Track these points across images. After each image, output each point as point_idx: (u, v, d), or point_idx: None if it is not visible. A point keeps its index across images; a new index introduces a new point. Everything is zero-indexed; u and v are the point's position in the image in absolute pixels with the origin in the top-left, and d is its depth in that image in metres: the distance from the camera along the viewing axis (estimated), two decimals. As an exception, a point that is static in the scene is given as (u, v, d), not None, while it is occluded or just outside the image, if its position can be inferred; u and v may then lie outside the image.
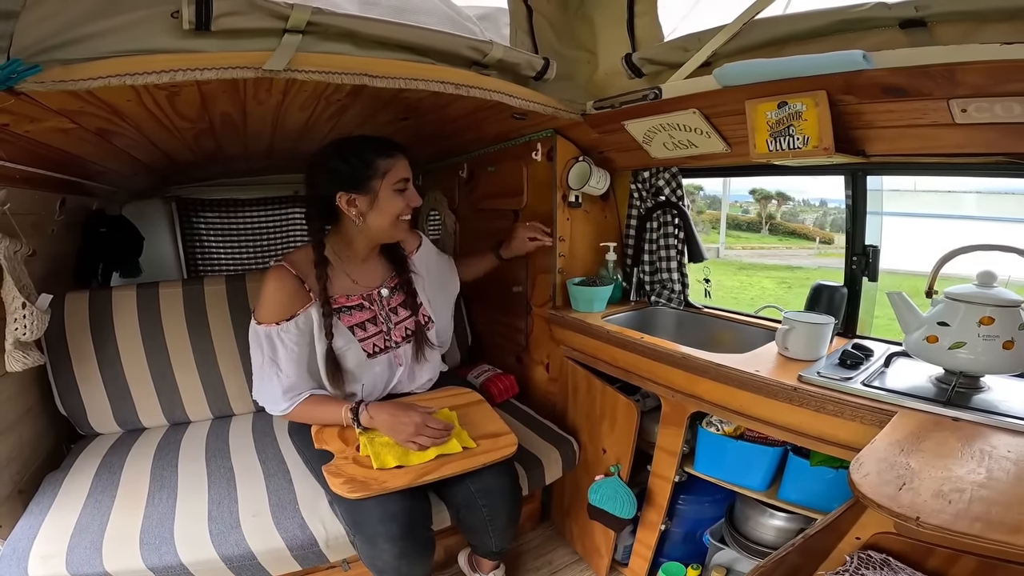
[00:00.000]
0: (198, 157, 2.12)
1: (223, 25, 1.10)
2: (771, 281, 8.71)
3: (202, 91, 1.27)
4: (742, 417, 1.31)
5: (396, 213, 1.45)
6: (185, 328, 1.83)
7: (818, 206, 13.01)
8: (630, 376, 1.61)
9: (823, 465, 1.23)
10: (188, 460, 1.60)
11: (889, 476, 0.81)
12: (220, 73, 1.12)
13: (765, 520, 1.45)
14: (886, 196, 1.53)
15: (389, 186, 1.42)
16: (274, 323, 1.40)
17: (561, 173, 1.86)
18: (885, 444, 0.90)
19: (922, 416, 1.02)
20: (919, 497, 0.76)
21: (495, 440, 1.44)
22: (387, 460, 1.32)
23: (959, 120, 1.08)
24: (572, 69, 1.75)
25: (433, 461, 1.34)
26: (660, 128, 1.56)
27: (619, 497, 1.59)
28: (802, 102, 1.20)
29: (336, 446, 1.41)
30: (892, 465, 0.84)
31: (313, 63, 1.20)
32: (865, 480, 0.80)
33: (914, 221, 4.27)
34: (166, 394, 1.80)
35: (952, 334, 1.09)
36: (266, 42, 1.16)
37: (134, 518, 1.33)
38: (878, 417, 1.05)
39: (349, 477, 1.29)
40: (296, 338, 1.42)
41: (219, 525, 1.32)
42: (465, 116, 1.78)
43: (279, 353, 1.40)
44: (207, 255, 2.84)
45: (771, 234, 11.98)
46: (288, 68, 1.17)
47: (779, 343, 1.39)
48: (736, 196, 11.69)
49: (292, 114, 1.61)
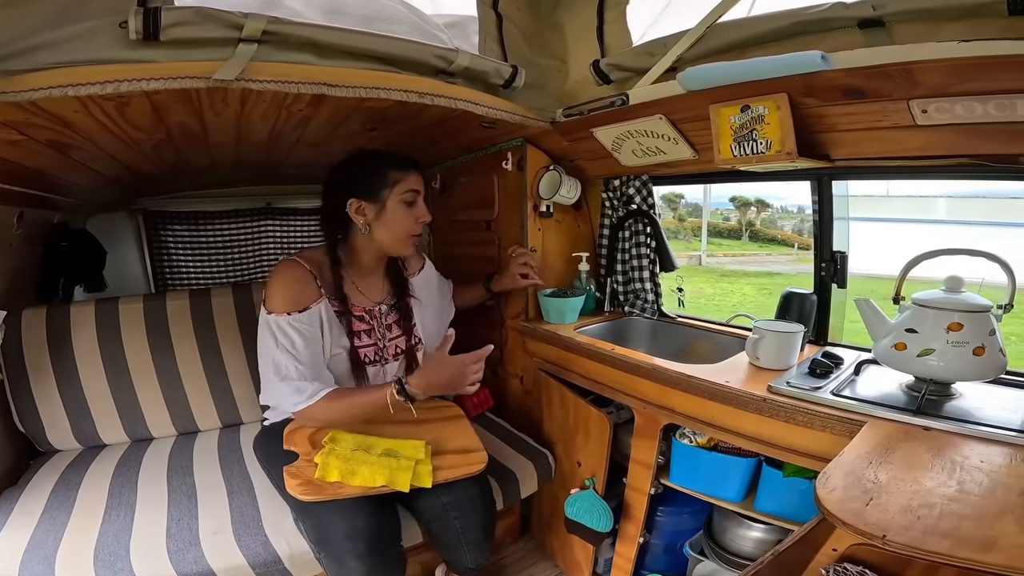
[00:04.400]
0: (162, 169, 2.06)
1: (173, 35, 1.08)
2: (752, 288, 8.80)
3: (152, 101, 1.23)
4: (714, 429, 1.29)
5: (403, 226, 1.45)
6: (147, 344, 1.78)
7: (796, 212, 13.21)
8: (602, 388, 1.58)
9: (796, 476, 1.21)
10: (149, 477, 1.55)
11: (856, 491, 0.78)
12: (168, 83, 1.08)
13: (743, 532, 1.43)
14: (861, 202, 1.52)
15: (397, 196, 1.43)
16: (288, 312, 1.36)
17: (532, 183, 1.84)
18: (853, 456, 0.88)
19: (892, 426, 1.00)
20: (886, 513, 0.74)
21: (464, 456, 1.40)
22: (330, 473, 1.26)
23: (920, 122, 1.07)
24: (543, 78, 1.74)
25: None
26: (628, 135, 1.54)
27: (595, 511, 1.56)
28: (764, 105, 1.19)
29: (304, 448, 1.36)
30: (859, 479, 0.81)
31: (269, 73, 1.17)
32: (831, 496, 0.77)
33: (886, 226, 4.32)
34: (127, 411, 1.75)
35: (920, 341, 1.08)
36: (220, 52, 1.13)
37: (89, 534, 1.29)
38: (848, 427, 1.03)
39: (306, 479, 1.26)
40: (310, 330, 1.39)
41: (177, 542, 1.28)
42: (435, 125, 1.75)
43: (297, 343, 1.36)
44: (176, 269, 2.75)
45: (751, 241, 12.12)
46: (241, 78, 1.14)
47: (749, 353, 1.37)
48: (717, 204, 11.82)
49: (254, 124, 1.57)
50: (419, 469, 1.31)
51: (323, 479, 1.26)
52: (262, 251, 2.99)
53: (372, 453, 1.34)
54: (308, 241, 3.17)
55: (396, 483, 1.27)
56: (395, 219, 1.44)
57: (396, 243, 1.48)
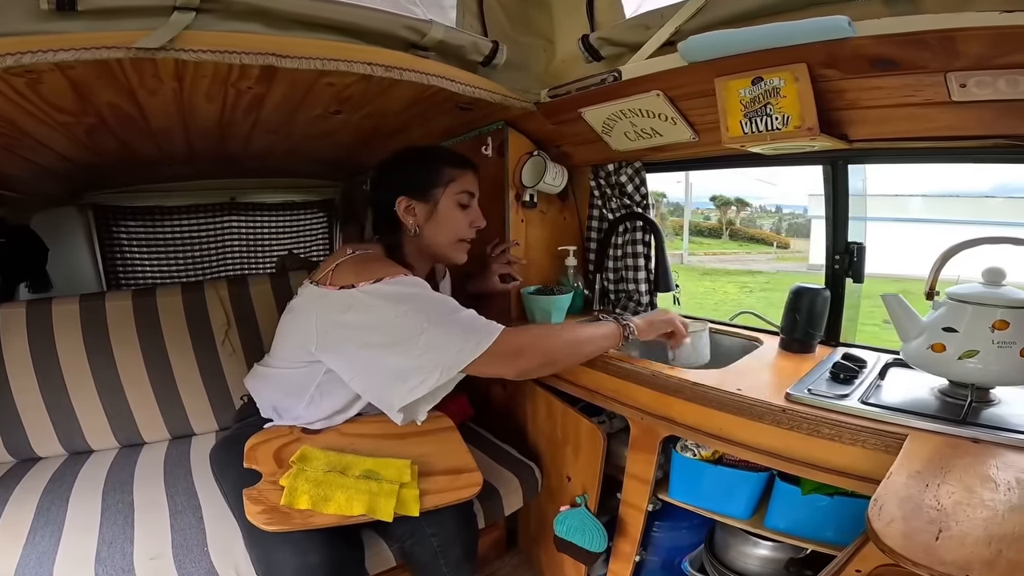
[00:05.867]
0: (106, 159, 1.90)
1: (92, 4, 0.96)
2: (734, 286, 8.87)
3: (69, 77, 1.08)
4: (722, 441, 1.15)
5: (456, 230, 1.35)
6: (83, 348, 1.61)
7: (774, 211, 13.40)
8: (594, 396, 1.44)
9: (816, 493, 1.08)
10: (82, 493, 1.39)
11: (919, 521, 0.65)
12: (80, 54, 0.95)
13: (748, 549, 1.30)
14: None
15: (451, 196, 1.33)
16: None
17: (513, 169, 1.70)
18: (904, 478, 0.74)
19: (936, 439, 0.87)
20: (963, 548, 0.60)
21: (455, 478, 1.24)
22: (299, 500, 1.08)
23: (956, 97, 0.96)
24: (526, 57, 1.60)
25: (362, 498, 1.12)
26: (621, 115, 1.41)
27: (587, 529, 1.42)
28: (779, 77, 1.06)
29: (268, 466, 1.18)
30: (919, 506, 0.68)
31: (204, 42, 1.03)
32: (891, 529, 0.63)
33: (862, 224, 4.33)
34: (63, 421, 1.58)
35: (961, 341, 0.95)
36: (150, 22, 1.00)
37: (8, 559, 1.13)
38: (883, 441, 0.90)
39: (270, 506, 1.07)
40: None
41: (108, 568, 1.11)
42: (406, 108, 1.59)
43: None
44: (129, 267, 2.60)
45: (731, 239, 12.26)
46: (169, 47, 0.99)
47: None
48: (698, 203, 11.92)
49: (199, 106, 1.41)
50: (404, 494, 1.14)
51: (290, 506, 1.08)
52: (226, 248, 2.86)
53: (348, 475, 1.16)
54: (277, 238, 3.03)
55: (377, 511, 1.10)
56: (448, 222, 1.33)
57: (447, 248, 1.36)
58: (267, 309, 1.86)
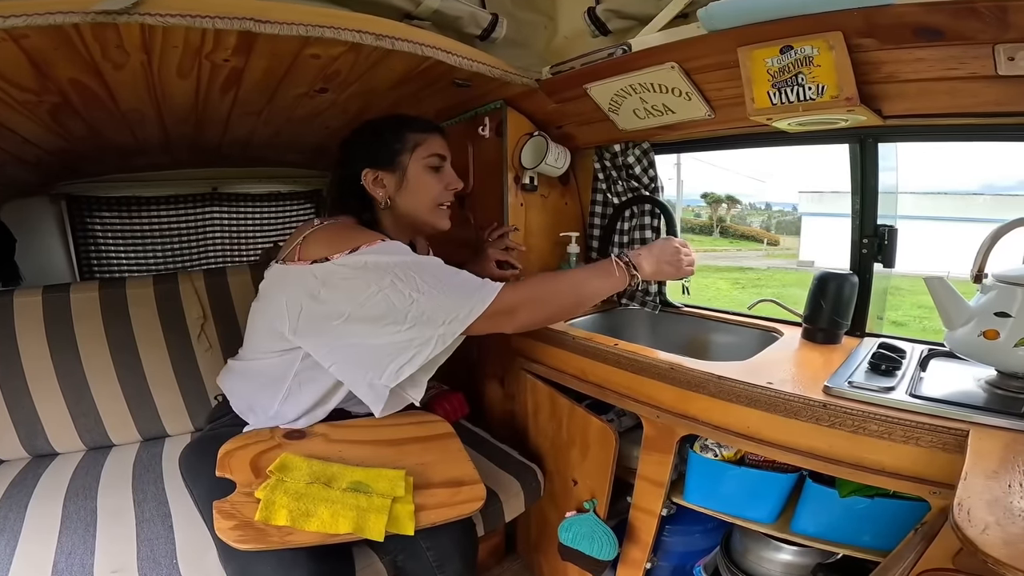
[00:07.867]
0: (76, 145, 1.78)
1: None
2: (726, 282, 8.89)
3: (23, 48, 0.97)
4: (749, 440, 1.05)
5: (431, 195, 1.26)
6: (45, 344, 1.50)
7: (764, 209, 13.49)
8: (604, 393, 1.34)
9: (856, 495, 0.99)
10: (42, 499, 1.29)
11: (1016, 528, 0.56)
12: (31, 20, 0.86)
13: (770, 554, 1.22)
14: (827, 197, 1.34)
15: (420, 161, 1.24)
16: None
17: (513, 151, 1.61)
18: (982, 479, 0.66)
19: (1000, 434, 0.79)
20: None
21: (455, 491, 1.11)
22: (277, 515, 0.96)
23: (1003, 71, 0.90)
24: (526, 34, 1.51)
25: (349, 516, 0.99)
26: (630, 91, 1.31)
27: (596, 536, 1.33)
28: (812, 45, 0.97)
29: (243, 476, 1.04)
30: (1010, 511, 0.59)
31: (174, 5, 0.93)
32: (988, 538, 0.55)
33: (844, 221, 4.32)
34: (24, 422, 1.47)
35: (1016, 327, 0.87)
36: None
37: None
38: (940, 438, 0.81)
39: (244, 521, 0.94)
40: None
41: None
42: (397, 86, 1.49)
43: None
44: (104, 260, 2.47)
45: (722, 236, 12.30)
46: (132, 10, 0.90)
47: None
48: (689, 200, 11.94)
49: (172, 83, 1.30)
50: (397, 510, 1.01)
51: (266, 521, 0.95)
52: (207, 240, 2.73)
53: (334, 487, 1.03)
54: (262, 230, 2.91)
55: (366, 530, 0.97)
56: (420, 187, 1.24)
57: (427, 214, 1.27)
58: (246, 301, 1.70)
